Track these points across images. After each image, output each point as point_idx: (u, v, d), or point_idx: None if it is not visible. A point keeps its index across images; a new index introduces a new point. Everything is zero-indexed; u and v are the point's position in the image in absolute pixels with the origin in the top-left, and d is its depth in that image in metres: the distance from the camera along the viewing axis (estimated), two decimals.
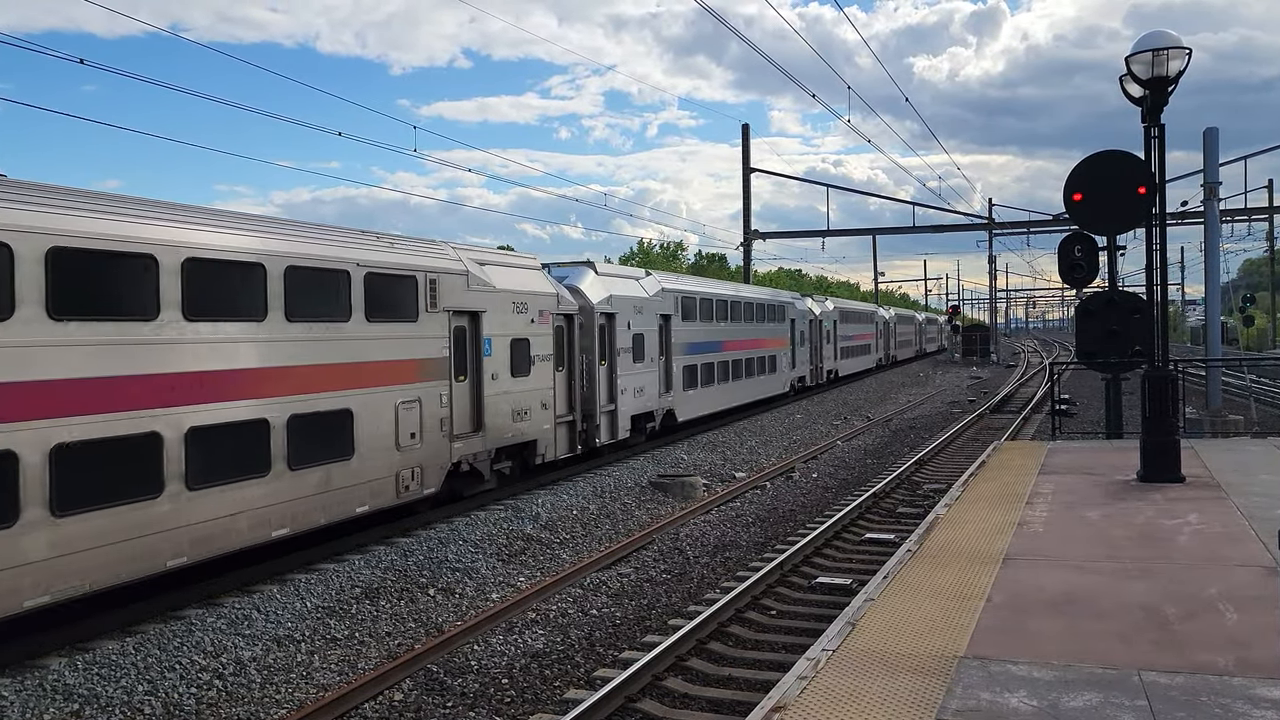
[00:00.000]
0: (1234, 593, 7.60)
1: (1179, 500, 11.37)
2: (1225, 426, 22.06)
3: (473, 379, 15.05)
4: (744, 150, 48.83)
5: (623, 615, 10.75)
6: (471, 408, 15.03)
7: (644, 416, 22.30)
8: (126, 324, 9.53)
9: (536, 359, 16.81)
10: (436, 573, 12.14)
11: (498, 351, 15.59)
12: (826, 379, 42.18)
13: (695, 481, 18.19)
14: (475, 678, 8.90)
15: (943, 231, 51.43)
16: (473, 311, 15.01)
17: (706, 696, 8.21)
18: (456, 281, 14.63)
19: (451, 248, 15.18)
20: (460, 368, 14.71)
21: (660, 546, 13.77)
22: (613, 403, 20.24)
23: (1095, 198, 14.82)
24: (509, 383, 15.93)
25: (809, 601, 10.99)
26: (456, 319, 14.62)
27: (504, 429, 15.82)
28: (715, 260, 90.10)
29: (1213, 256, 26.03)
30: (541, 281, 17.56)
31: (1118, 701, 5.53)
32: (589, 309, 19.37)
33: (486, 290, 15.36)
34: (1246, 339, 70.42)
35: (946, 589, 8.01)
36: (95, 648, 9.20)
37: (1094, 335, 16.90)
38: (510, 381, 15.95)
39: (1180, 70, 12.38)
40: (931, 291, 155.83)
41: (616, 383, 20.38)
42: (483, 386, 15.17)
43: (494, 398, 15.50)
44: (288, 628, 10.02)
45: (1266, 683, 5.74)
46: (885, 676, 6.07)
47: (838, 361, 44.47)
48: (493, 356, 15.43)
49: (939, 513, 11.28)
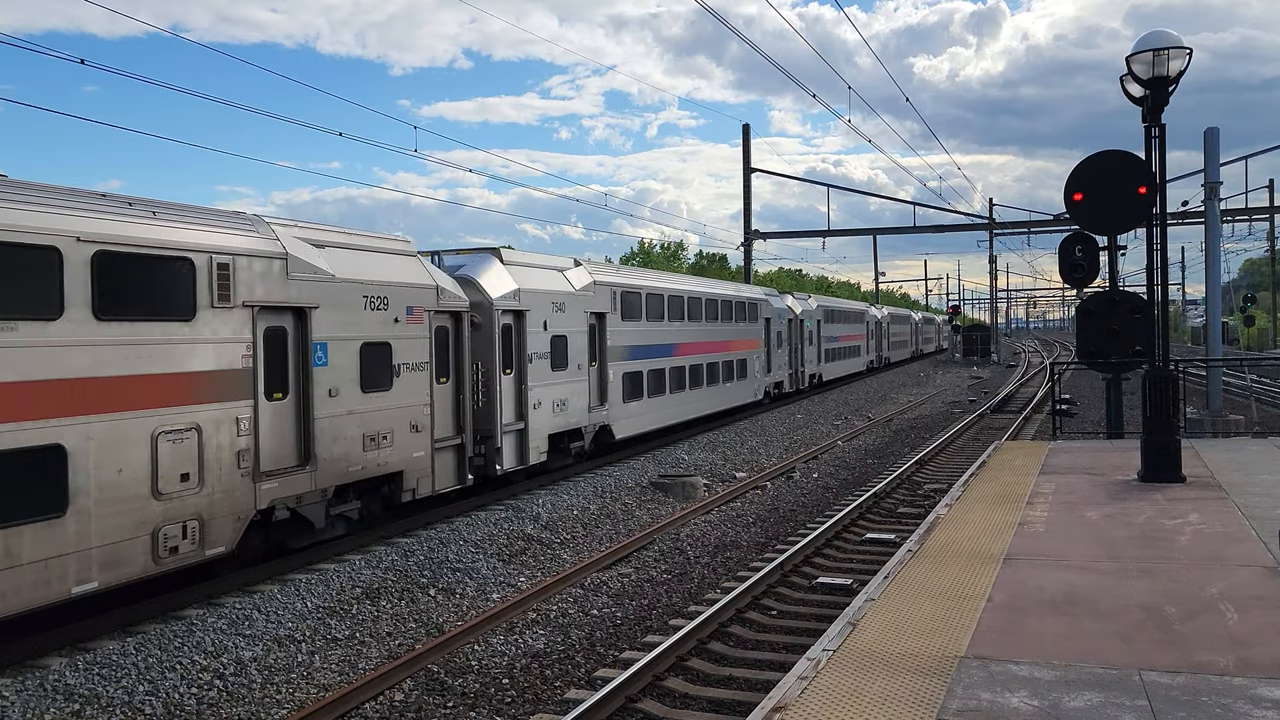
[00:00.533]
0: (1235, 592, 7.60)
1: (1180, 500, 11.37)
2: (1226, 426, 22.04)
3: (297, 396, 11.64)
4: (744, 150, 48.83)
5: (623, 615, 10.75)
6: (296, 434, 11.65)
7: (568, 435, 18.65)
8: None
9: (403, 369, 13.40)
10: (437, 573, 12.14)
11: (339, 359, 12.20)
12: (809, 384, 39.00)
13: (696, 481, 18.19)
14: (476, 678, 8.90)
15: (943, 231, 51.44)
16: (297, 308, 11.64)
17: (707, 696, 8.20)
18: (267, 267, 11.15)
19: (267, 222, 11.66)
20: (276, 382, 11.36)
21: (661, 546, 13.77)
22: (521, 420, 16.71)
23: (1096, 198, 14.81)
24: (358, 399, 12.52)
25: (810, 602, 10.99)
26: (268, 317, 11.24)
27: (349, 459, 12.35)
28: (716, 260, 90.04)
29: (1213, 256, 26.00)
30: (415, 271, 14.05)
31: (1118, 701, 5.53)
32: (486, 305, 15.85)
33: (320, 280, 11.91)
34: (1247, 339, 70.42)
35: (947, 589, 8.01)
36: (96, 648, 9.20)
37: (1095, 335, 16.93)
38: (360, 398, 12.55)
39: (1181, 70, 12.38)
40: (932, 291, 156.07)
41: (527, 396, 16.80)
42: (312, 406, 11.73)
43: (332, 420, 12.03)
44: (288, 628, 10.02)
45: (1267, 683, 5.74)
46: (886, 676, 6.07)
47: (822, 365, 41.17)
48: (331, 366, 12.04)
49: (940, 513, 11.28)
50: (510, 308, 16.47)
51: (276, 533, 11.72)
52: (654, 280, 24.59)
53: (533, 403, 16.93)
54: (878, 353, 56.23)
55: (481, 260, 16.69)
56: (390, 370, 13.21)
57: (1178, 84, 12.51)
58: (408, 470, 13.56)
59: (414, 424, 13.69)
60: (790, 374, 35.94)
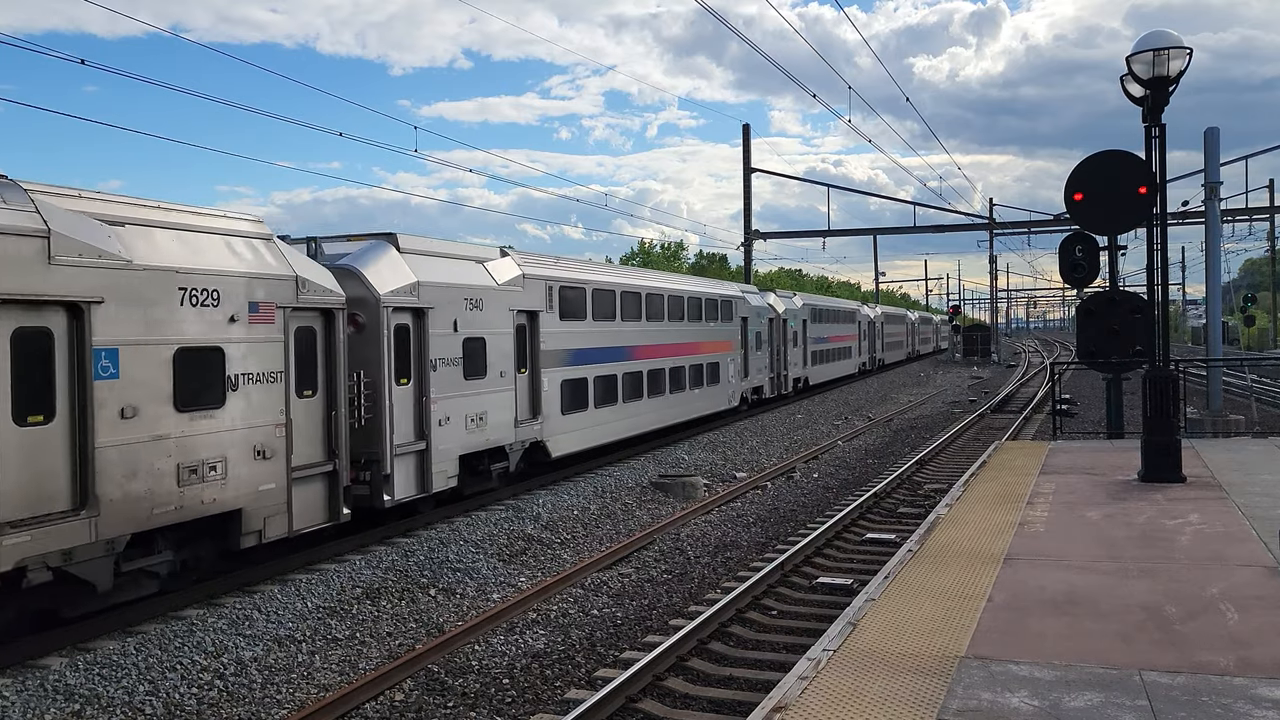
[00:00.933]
0: (1235, 592, 7.60)
1: (1180, 500, 11.37)
2: (1226, 426, 22.05)
3: (68, 419, 9.07)
4: (745, 150, 48.83)
5: (624, 615, 10.76)
6: (67, 469, 9.04)
7: (489, 454, 15.90)
8: None
9: (243, 380, 10.86)
10: (437, 573, 12.14)
11: (138, 370, 9.64)
12: (793, 389, 36.43)
13: (696, 481, 18.19)
14: (476, 678, 8.91)
15: (943, 231, 51.38)
16: (70, 302, 9.09)
17: (707, 696, 8.21)
18: (15, 248, 8.58)
19: (23, 188, 9.04)
20: (31, 402, 8.78)
21: (661, 546, 13.77)
22: (422, 439, 13.97)
23: (1096, 198, 14.82)
24: (170, 421, 9.93)
25: (810, 602, 10.99)
26: (16, 316, 8.69)
27: (153, 499, 9.74)
28: (716, 260, 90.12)
29: (1214, 256, 25.99)
30: (265, 258, 11.47)
31: (1119, 701, 5.53)
32: (373, 302, 13.19)
33: (107, 266, 9.37)
34: (1247, 339, 70.46)
35: (947, 589, 8.01)
36: (96, 648, 9.21)
37: (1095, 335, 16.93)
38: (174, 419, 9.97)
39: (1181, 70, 12.38)
40: (932, 291, 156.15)
41: (429, 410, 14.03)
42: (92, 431, 9.14)
43: (124, 449, 9.44)
44: (289, 628, 10.03)
45: (1268, 682, 5.74)
46: (886, 676, 6.07)
47: (808, 368, 38.72)
48: (124, 379, 9.50)
49: (940, 513, 11.28)
50: (405, 304, 13.76)
51: (34, 600, 9.12)
52: (602, 274, 21.64)
53: (438, 418, 14.23)
54: (871, 354, 54.11)
55: (372, 249, 13.93)
56: (222, 383, 10.65)
57: (1178, 84, 12.52)
58: (250, 508, 10.88)
59: (260, 449, 11.05)
60: (771, 378, 33.43)
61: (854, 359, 49.05)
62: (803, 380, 37.89)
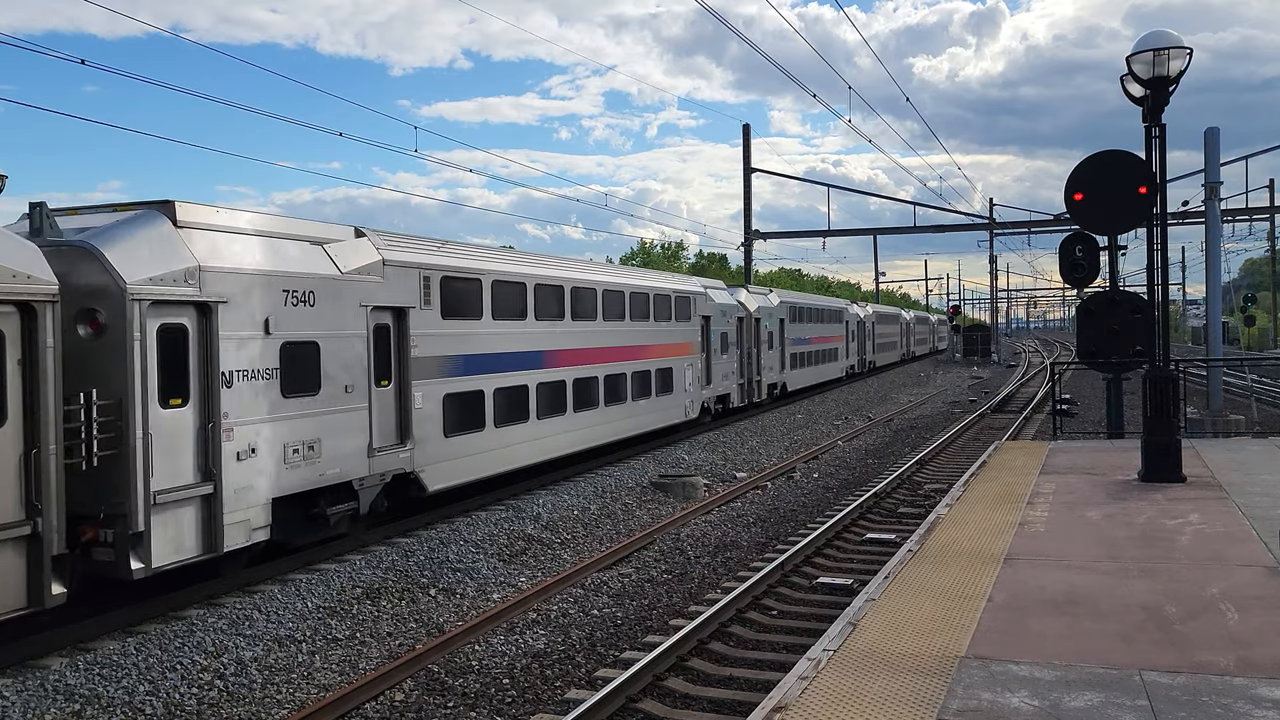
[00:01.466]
0: (1235, 592, 7.60)
1: (1180, 500, 11.37)
2: (1226, 426, 22.06)
3: None
4: (745, 150, 48.82)
5: (624, 615, 10.76)
6: None
7: (326, 493, 12.22)
8: None
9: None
10: (437, 573, 12.14)
11: None
12: (768, 395, 32.67)
13: (696, 481, 18.19)
14: (476, 678, 8.91)
15: (943, 231, 51.35)
16: None
17: (708, 696, 8.21)
18: None
19: None
20: None
21: (661, 546, 13.77)
22: (209, 481, 10.44)
23: (1096, 198, 14.83)
24: None
25: (810, 602, 10.99)
26: None
27: None
28: (716, 260, 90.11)
29: (1214, 256, 26.00)
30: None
31: (1119, 701, 5.53)
32: (114, 293, 9.71)
33: None
34: (1247, 339, 70.45)
35: (947, 589, 8.01)
36: (96, 648, 9.21)
37: (1095, 335, 16.93)
38: None
39: (1181, 70, 12.38)
40: (933, 291, 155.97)
41: (218, 440, 10.54)
42: None
43: None
44: (289, 628, 10.03)
45: (1268, 682, 5.74)
46: (886, 676, 6.07)
47: (786, 372, 35.13)
48: None
49: (940, 513, 11.28)
50: (175, 297, 10.21)
51: None
52: (508, 263, 17.48)
53: (235, 450, 10.74)
54: (860, 356, 50.60)
55: (129, 222, 10.33)
56: None
57: (1178, 84, 12.51)
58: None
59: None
60: (741, 384, 29.79)
61: (840, 361, 45.71)
62: (779, 386, 34.45)
